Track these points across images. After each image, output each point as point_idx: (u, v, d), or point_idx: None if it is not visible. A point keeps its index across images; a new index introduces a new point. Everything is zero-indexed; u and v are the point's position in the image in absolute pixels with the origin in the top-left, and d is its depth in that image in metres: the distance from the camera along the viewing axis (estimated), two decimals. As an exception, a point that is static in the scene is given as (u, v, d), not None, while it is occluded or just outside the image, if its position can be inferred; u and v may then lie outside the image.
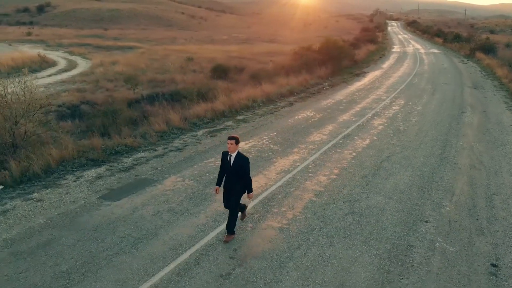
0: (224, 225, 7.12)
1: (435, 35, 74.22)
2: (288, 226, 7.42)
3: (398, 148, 12.02)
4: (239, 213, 7.21)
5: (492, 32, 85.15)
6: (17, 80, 11.11)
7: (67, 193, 8.82)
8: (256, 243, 6.86)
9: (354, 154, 11.40)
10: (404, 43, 62.76)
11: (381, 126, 14.43)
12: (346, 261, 6.34)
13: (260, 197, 8.57)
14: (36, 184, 9.34)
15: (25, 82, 11.19)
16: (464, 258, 6.54)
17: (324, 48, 30.05)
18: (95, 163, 10.65)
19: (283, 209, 8.08)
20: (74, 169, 10.22)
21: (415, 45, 58.83)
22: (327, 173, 9.96)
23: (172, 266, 6.19)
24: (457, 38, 57.17)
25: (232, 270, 6.11)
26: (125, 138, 12.37)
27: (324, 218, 7.70)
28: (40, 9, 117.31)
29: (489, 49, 40.52)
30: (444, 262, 6.40)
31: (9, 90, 10.98)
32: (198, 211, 8.02)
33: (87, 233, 7.16)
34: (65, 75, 26.60)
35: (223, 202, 6.95)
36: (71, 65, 31.77)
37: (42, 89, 18.56)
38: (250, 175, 6.79)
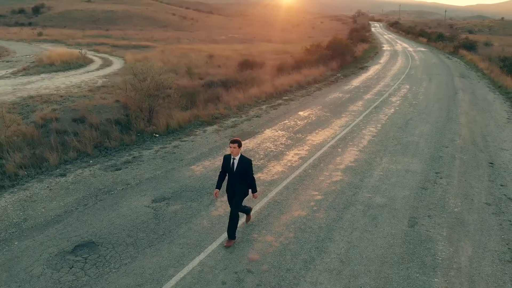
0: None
1: (419, 35, 79.98)
2: (363, 149, 12.07)
3: (416, 113, 16.80)
4: (244, 216, 7.52)
5: (470, 32, 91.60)
6: (146, 67, 15.41)
7: (206, 138, 13.28)
8: (348, 156, 11.47)
9: (386, 117, 16.13)
10: (391, 43, 68.10)
11: (398, 101, 19.21)
12: (406, 162, 11.02)
13: (337, 138, 13.19)
14: (179, 134, 13.74)
15: (151, 67, 15.51)
16: (473, 160, 11.29)
17: (332, 45, 34.81)
18: (208, 123, 15.07)
19: (355, 142, 12.73)
20: (197, 127, 14.64)
21: (402, 44, 64.20)
22: (373, 126, 14.65)
23: (304, 165, 10.74)
24: (440, 37, 62.80)
25: (339, 169, 10.70)
26: (217, 110, 16.81)
27: (383, 146, 12.38)
28: (36, 10, 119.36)
29: (470, 46, 46.02)
30: (461, 162, 11.14)
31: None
32: (301, 145, 12.59)
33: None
34: (111, 69, 30.73)
35: (230, 204, 6.96)
36: (107, 62, 35.77)
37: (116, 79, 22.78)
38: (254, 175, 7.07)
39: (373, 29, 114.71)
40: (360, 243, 6.95)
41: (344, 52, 35.51)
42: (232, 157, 6.69)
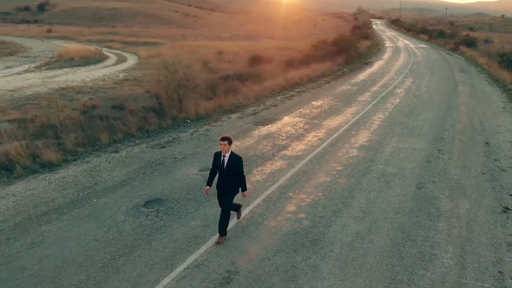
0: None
1: (420, 32, 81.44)
2: (374, 132, 13.66)
3: (420, 103, 18.39)
4: (235, 213, 7.47)
5: (471, 29, 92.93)
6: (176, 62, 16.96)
7: (232, 123, 14.86)
8: (361, 137, 13.05)
9: (393, 106, 17.71)
10: (393, 40, 69.54)
11: (403, 93, 20.79)
12: (412, 142, 12.61)
13: (350, 123, 14.77)
14: (207, 120, 15.31)
15: (180, 62, 17.06)
16: (471, 141, 12.89)
17: (337, 42, 36.36)
18: (231, 111, 16.65)
19: (367, 126, 14.32)
20: (222, 114, 16.20)
21: (404, 41, 65.67)
22: (382, 114, 16.24)
23: (323, 144, 12.31)
24: (441, 34, 64.28)
25: (354, 147, 12.29)
26: (237, 100, 18.37)
27: (392, 129, 13.97)
28: (41, 7, 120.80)
29: (471, 43, 47.54)
30: (461, 142, 12.73)
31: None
32: (318, 128, 14.16)
33: (266, 136, 13.22)
34: (127, 64, 32.28)
35: (219, 202, 7.02)
36: (122, 58, 37.30)
37: (139, 72, 24.37)
38: (244, 173, 7.02)
39: (374, 26, 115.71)
40: (377, 200, 8.56)
41: (348, 48, 37.05)
42: (222, 154, 6.70)
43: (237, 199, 7.47)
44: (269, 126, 14.42)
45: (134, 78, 24.33)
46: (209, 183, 6.92)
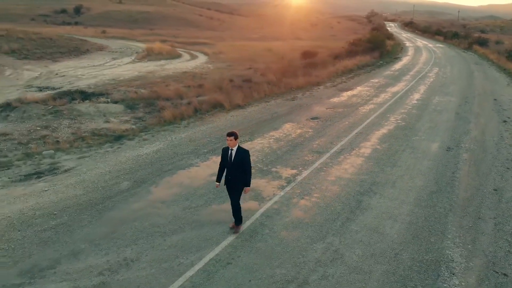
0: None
1: (435, 34, 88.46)
2: (423, 94, 21.14)
3: (448, 81, 25.87)
4: (234, 226, 7.33)
5: (482, 32, 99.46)
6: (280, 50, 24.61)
7: (323, 91, 22.39)
8: (416, 96, 20.56)
9: (429, 82, 25.22)
10: (411, 40, 76.54)
11: (433, 76, 28.27)
12: (448, 98, 20.07)
13: (404, 90, 22.29)
14: (305, 89, 22.84)
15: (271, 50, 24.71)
16: (485, 98, 20.28)
17: (372, 40, 43.86)
18: (316, 85, 24.20)
19: (417, 91, 21.81)
20: (311, 86, 23.73)
21: (422, 41, 72.75)
22: (423, 86, 23.74)
23: (394, 98, 19.87)
24: (456, 35, 71.38)
25: (413, 99, 19.85)
26: (315, 78, 25.96)
27: (433, 93, 21.49)
28: (77, 10, 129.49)
29: (483, 43, 54.70)
30: (479, 98, 20.18)
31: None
32: (385, 92, 21.66)
33: (352, 96, 20.77)
34: (202, 59, 39.88)
35: (229, 196, 7.18)
36: (192, 55, 44.86)
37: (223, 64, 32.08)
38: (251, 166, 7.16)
39: (388, 28, 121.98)
40: (436, 117, 16.08)
41: (380, 45, 44.48)
42: (230, 148, 6.90)
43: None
44: (350, 91, 21.97)
45: (224, 67, 31.91)
46: (218, 178, 7.16)
